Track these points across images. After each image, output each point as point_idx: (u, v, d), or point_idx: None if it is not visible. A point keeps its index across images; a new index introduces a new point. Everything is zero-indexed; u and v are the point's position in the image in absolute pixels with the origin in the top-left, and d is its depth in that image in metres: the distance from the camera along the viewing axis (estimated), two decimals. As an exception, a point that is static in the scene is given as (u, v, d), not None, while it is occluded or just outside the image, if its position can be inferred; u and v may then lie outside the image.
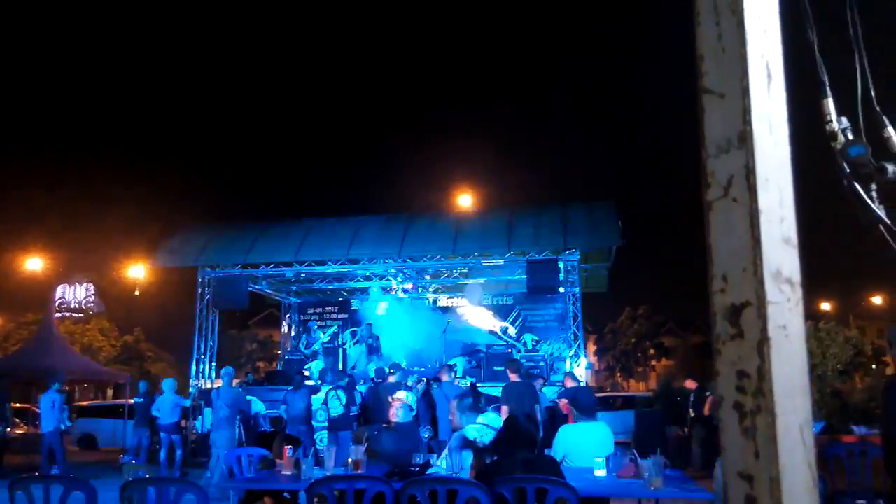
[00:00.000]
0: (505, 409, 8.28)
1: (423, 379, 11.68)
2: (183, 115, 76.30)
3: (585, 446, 5.08)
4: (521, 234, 14.93)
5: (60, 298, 41.39)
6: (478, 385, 11.66)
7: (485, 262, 16.10)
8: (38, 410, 20.25)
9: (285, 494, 5.56)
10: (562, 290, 15.65)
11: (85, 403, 24.53)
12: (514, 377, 9.66)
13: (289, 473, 5.06)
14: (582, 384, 11.84)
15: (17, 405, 23.96)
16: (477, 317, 18.24)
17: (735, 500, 0.76)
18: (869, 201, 1.51)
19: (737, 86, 0.84)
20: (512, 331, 18.05)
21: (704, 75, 0.87)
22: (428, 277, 18.14)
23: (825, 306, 37.20)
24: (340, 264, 16.13)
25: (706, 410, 12.20)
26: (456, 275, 17.75)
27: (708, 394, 12.32)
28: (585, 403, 5.48)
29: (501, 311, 18.32)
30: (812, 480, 0.76)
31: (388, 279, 17.71)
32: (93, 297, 43.44)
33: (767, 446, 0.74)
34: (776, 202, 0.81)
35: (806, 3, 1.44)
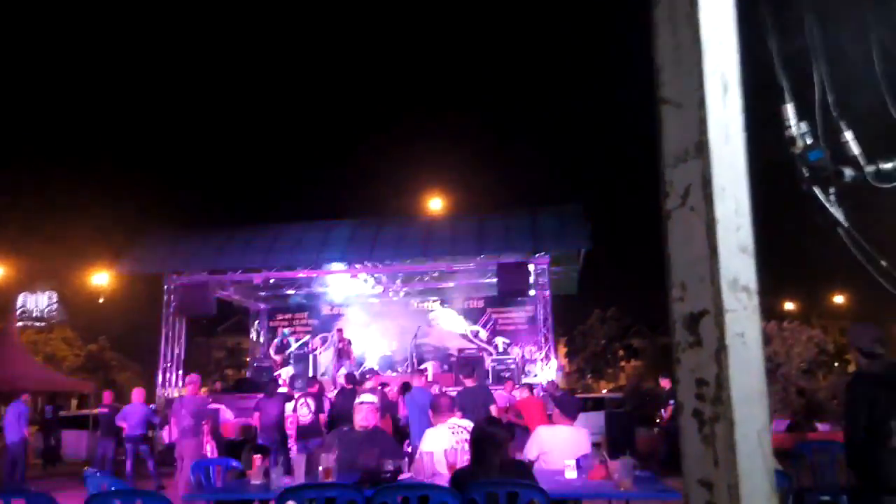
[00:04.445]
0: (458, 414, 8.28)
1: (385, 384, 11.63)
2: (147, 119, 75.15)
3: (561, 448, 5.11)
4: (491, 238, 14.99)
5: (22, 307, 40.34)
6: (445, 390, 11.62)
7: (455, 266, 16.11)
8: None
9: (255, 504, 5.49)
10: (532, 293, 15.73)
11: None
12: (468, 382, 9.69)
13: (258, 483, 5.00)
14: (535, 392, 11.67)
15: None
16: (448, 320, 18.27)
17: (696, 507, 0.76)
18: (828, 205, 1.55)
19: (693, 96, 0.85)
20: (483, 334, 18.10)
21: (662, 86, 0.88)
22: (399, 282, 18.10)
23: (789, 306, 37.98)
24: (310, 269, 16.01)
25: (664, 417, 12.33)
26: (427, 279, 17.73)
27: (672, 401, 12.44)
28: (568, 407, 5.52)
29: (472, 315, 18.37)
30: (770, 487, 0.77)
31: (358, 283, 17.62)
32: (55, 305, 42.44)
33: (726, 454, 0.75)
34: (732, 211, 0.82)
35: (764, 11, 1.47)
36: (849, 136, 1.61)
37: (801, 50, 1.58)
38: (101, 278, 28.75)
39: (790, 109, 1.57)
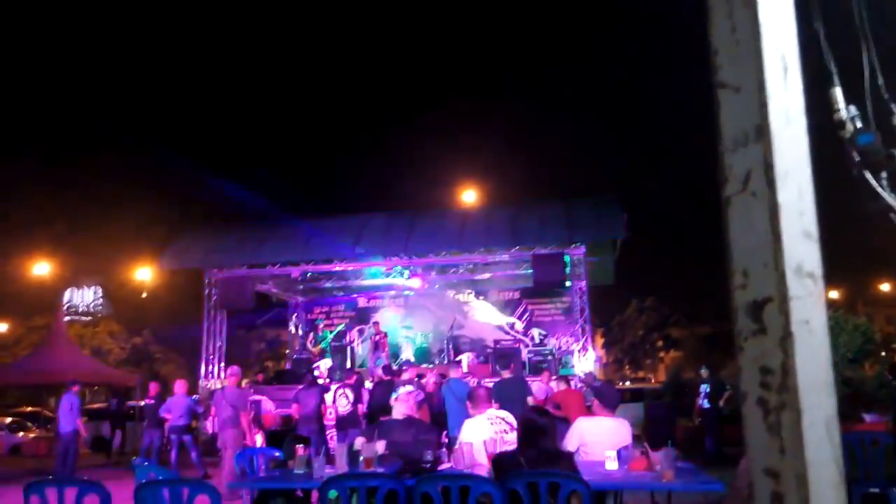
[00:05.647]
0: (496, 406, 8.28)
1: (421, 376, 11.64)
2: (186, 115, 76.46)
3: (602, 439, 5.07)
4: (525, 228, 14.93)
5: (69, 302, 41.55)
6: (482, 381, 11.64)
7: (490, 258, 16.09)
8: (49, 414, 20.40)
9: (298, 493, 5.58)
10: (568, 283, 15.63)
11: (96, 406, 24.63)
12: (505, 374, 9.67)
13: (301, 472, 5.07)
14: (573, 384, 11.60)
15: (29, 409, 24.11)
16: (484, 312, 18.26)
17: (761, 496, 0.75)
18: (879, 189, 1.50)
19: (752, 79, 0.83)
20: (519, 325, 18.05)
21: (719, 69, 0.86)
22: (434, 274, 18.16)
23: (833, 294, 37.08)
24: (346, 262, 16.15)
25: (722, 402, 12.19)
26: (462, 271, 17.75)
27: (727, 389, 12.28)
28: (608, 398, 5.48)
29: (508, 306, 18.33)
30: (839, 476, 0.76)
31: (394, 276, 17.72)
32: (101, 299, 43.58)
33: (793, 442, 0.74)
34: (795, 196, 0.80)
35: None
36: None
37: (850, 31, 1.53)
38: (144, 273, 29.42)
39: (839, 92, 1.53)
